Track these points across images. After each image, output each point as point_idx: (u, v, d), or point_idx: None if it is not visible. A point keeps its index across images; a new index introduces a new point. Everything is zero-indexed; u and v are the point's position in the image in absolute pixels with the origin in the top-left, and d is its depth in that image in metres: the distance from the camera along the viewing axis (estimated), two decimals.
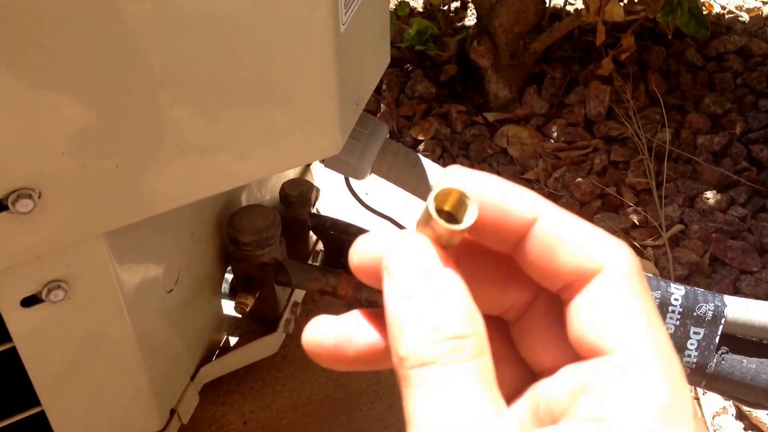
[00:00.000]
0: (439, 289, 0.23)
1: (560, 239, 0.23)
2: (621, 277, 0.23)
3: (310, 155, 0.50)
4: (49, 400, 0.51)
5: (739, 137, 1.56)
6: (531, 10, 1.59)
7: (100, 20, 0.37)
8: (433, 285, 0.23)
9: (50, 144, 0.39)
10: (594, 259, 0.23)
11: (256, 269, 0.64)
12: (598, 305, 0.22)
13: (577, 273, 0.23)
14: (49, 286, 0.45)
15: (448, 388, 0.21)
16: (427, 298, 0.23)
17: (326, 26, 0.43)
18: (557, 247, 0.23)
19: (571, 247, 0.23)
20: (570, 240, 0.23)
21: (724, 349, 0.62)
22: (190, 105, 0.42)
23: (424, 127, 1.64)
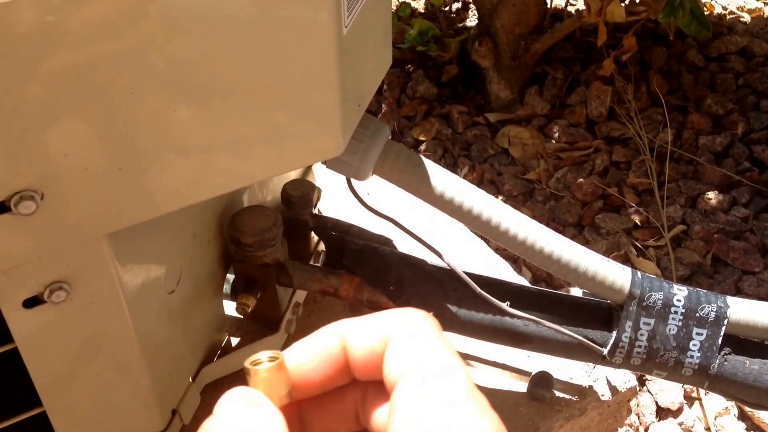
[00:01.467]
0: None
1: (361, 336, 0.29)
2: (402, 332, 0.28)
3: (312, 156, 0.50)
4: (50, 401, 0.51)
5: (740, 138, 1.56)
6: (532, 11, 1.59)
7: (101, 21, 0.37)
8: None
9: (53, 146, 0.39)
10: (386, 333, 0.28)
11: (257, 270, 0.64)
12: (389, 355, 0.28)
13: (381, 350, 0.28)
14: (51, 287, 0.45)
15: None
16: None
17: (329, 28, 0.43)
18: (362, 343, 0.29)
19: (369, 336, 0.29)
20: (367, 331, 0.29)
21: (727, 350, 0.62)
22: (192, 106, 0.42)
23: (426, 128, 1.65)
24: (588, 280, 0.62)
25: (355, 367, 0.29)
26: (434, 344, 0.28)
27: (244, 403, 0.27)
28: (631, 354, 0.63)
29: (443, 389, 0.26)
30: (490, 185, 1.53)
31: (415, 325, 0.29)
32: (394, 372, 0.28)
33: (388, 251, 0.67)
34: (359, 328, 0.29)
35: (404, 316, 0.29)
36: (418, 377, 0.27)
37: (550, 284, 1.30)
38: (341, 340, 0.29)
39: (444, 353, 0.28)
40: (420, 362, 0.27)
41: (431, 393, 0.26)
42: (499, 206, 0.62)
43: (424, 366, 0.27)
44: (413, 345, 0.28)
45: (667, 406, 1.13)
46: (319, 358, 0.29)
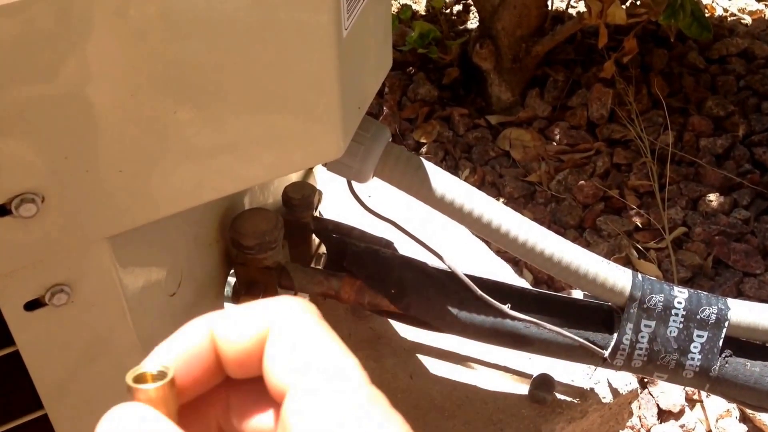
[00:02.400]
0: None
1: (231, 331, 0.26)
2: (282, 328, 0.25)
3: (312, 159, 0.50)
4: (52, 404, 0.51)
5: (742, 140, 1.56)
6: (533, 13, 1.59)
7: (102, 23, 0.37)
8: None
9: (53, 149, 0.39)
10: (261, 327, 0.25)
11: (258, 273, 0.64)
12: (270, 357, 0.25)
13: (257, 347, 0.25)
14: (53, 290, 0.45)
15: None
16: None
17: (328, 31, 0.43)
18: (233, 338, 0.26)
19: (241, 331, 0.26)
20: (237, 325, 0.26)
21: (728, 353, 0.62)
22: (193, 109, 0.42)
23: (427, 130, 1.65)
24: (589, 283, 0.62)
25: (227, 364, 0.26)
26: (321, 340, 0.25)
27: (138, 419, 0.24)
28: (632, 356, 0.63)
29: (341, 397, 0.24)
30: (491, 187, 1.53)
31: (296, 318, 0.26)
32: (281, 377, 0.25)
33: (389, 254, 0.67)
34: (230, 321, 0.26)
35: (281, 306, 0.26)
36: (312, 387, 0.24)
37: (552, 286, 1.30)
38: (209, 335, 0.26)
39: (333, 352, 0.25)
40: (309, 367, 0.24)
41: (331, 406, 0.24)
42: (499, 209, 0.62)
43: (316, 372, 0.24)
44: (298, 343, 0.25)
45: (669, 409, 1.13)
46: (186, 359, 0.26)
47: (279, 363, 0.25)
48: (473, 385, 0.73)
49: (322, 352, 0.25)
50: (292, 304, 0.26)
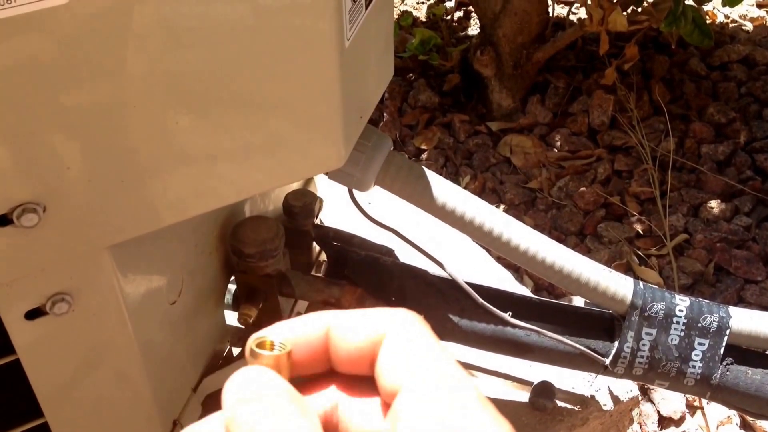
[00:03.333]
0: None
1: (347, 332, 0.28)
2: (398, 335, 0.28)
3: (314, 168, 0.50)
4: (51, 412, 0.51)
5: (743, 146, 1.56)
6: (534, 20, 1.60)
7: (103, 34, 0.37)
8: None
9: (55, 159, 0.39)
10: (375, 332, 0.28)
11: (259, 280, 0.64)
12: (386, 359, 0.27)
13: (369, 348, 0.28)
14: (53, 298, 0.45)
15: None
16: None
17: (331, 41, 0.43)
18: (348, 338, 0.28)
19: (356, 333, 0.28)
20: (354, 327, 0.28)
21: (729, 360, 0.62)
22: (194, 118, 0.42)
23: (427, 137, 1.65)
24: (590, 291, 0.62)
25: (338, 359, 0.29)
26: (436, 352, 0.27)
27: (285, 398, 0.26)
28: (633, 364, 0.63)
29: (455, 400, 0.26)
30: (492, 194, 1.53)
31: (412, 328, 0.28)
32: (393, 378, 0.27)
33: (390, 262, 0.67)
34: (348, 321, 0.29)
35: (399, 317, 0.28)
36: (426, 387, 0.26)
37: (552, 294, 1.30)
38: (326, 329, 0.29)
39: (448, 362, 0.27)
40: (424, 371, 0.26)
41: (443, 405, 0.25)
42: (500, 217, 0.62)
43: (430, 375, 0.26)
44: (413, 350, 0.27)
45: (670, 416, 1.13)
46: (300, 342, 0.29)
47: (393, 364, 0.27)
48: None
49: (434, 358, 0.27)
50: (408, 315, 0.29)
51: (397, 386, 0.26)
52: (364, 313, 0.29)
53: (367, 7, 0.49)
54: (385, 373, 0.27)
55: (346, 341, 0.28)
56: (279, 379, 0.27)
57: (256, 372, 0.27)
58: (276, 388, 0.27)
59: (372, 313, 0.29)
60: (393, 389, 0.27)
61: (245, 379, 0.27)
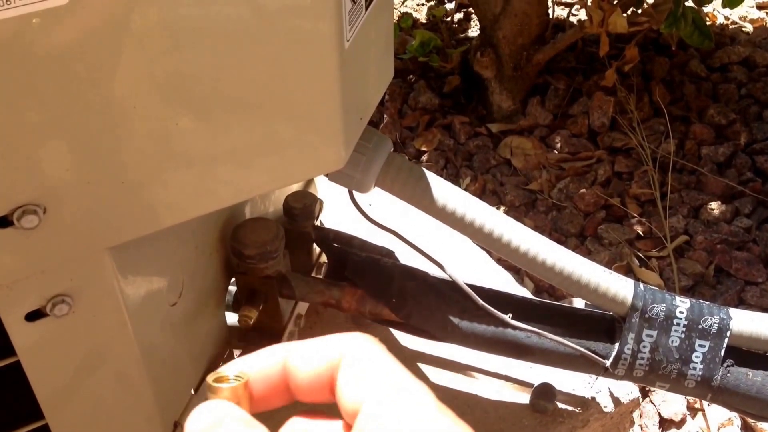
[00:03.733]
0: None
1: (304, 359, 0.29)
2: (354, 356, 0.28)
3: (314, 169, 0.50)
4: (52, 414, 0.51)
5: (743, 148, 1.56)
6: (534, 21, 1.60)
7: (103, 35, 0.37)
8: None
9: (54, 160, 0.39)
10: (332, 356, 0.29)
11: (259, 282, 0.64)
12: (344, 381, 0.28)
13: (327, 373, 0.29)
14: (54, 300, 0.45)
15: None
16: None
17: (330, 42, 0.43)
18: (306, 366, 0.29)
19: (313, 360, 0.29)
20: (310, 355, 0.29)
21: (730, 362, 0.62)
22: (194, 120, 0.42)
23: (428, 138, 1.65)
24: (590, 292, 0.62)
25: (298, 390, 0.29)
26: (390, 367, 0.28)
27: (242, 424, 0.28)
28: (634, 366, 0.62)
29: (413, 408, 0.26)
30: (492, 196, 1.53)
31: (368, 349, 0.29)
32: (353, 398, 0.27)
33: (390, 263, 0.67)
34: (304, 351, 0.30)
35: (352, 341, 0.29)
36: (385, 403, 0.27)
37: (553, 295, 1.30)
38: (282, 362, 0.30)
39: (402, 375, 0.28)
40: (382, 387, 0.27)
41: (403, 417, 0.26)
42: (501, 218, 0.62)
43: (388, 391, 0.27)
44: (370, 370, 0.28)
45: (671, 417, 1.13)
46: (258, 377, 0.30)
47: (352, 385, 0.28)
48: (474, 394, 0.72)
49: (392, 374, 0.28)
50: (362, 337, 0.29)
51: (358, 405, 0.27)
52: (319, 340, 0.30)
53: (367, 8, 0.49)
54: (345, 395, 0.28)
55: (304, 369, 0.29)
56: (236, 408, 0.28)
57: (214, 404, 0.29)
58: (233, 416, 0.28)
59: (327, 339, 0.30)
60: (354, 409, 0.27)
61: (204, 411, 0.28)
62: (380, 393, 0.27)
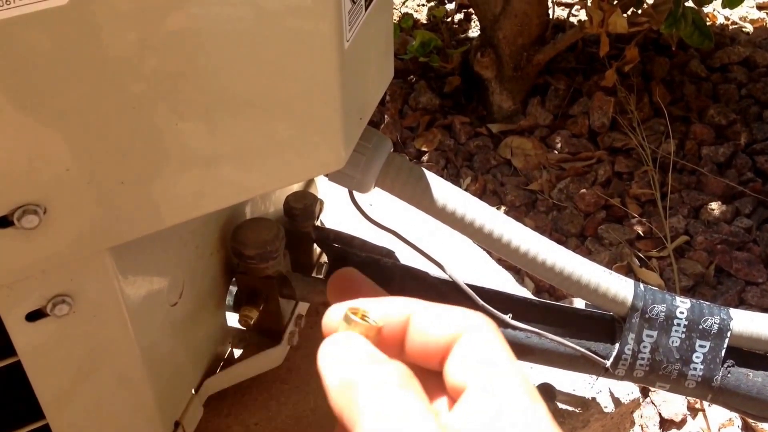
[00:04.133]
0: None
1: (429, 324, 0.30)
2: (474, 336, 0.29)
3: (314, 170, 0.50)
4: (53, 414, 0.51)
5: (743, 148, 1.56)
6: (534, 22, 1.60)
7: (103, 35, 0.37)
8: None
9: (55, 161, 0.39)
10: (454, 329, 0.29)
11: (260, 282, 0.64)
12: (458, 357, 0.29)
13: (445, 344, 0.29)
14: (54, 300, 0.45)
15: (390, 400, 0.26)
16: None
17: (330, 42, 0.43)
18: (428, 331, 0.30)
19: (436, 327, 0.30)
20: (435, 321, 0.30)
21: (730, 363, 0.62)
22: (194, 120, 0.42)
23: (428, 139, 1.65)
24: (590, 293, 0.62)
25: (412, 348, 0.30)
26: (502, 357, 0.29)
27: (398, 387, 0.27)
28: (634, 366, 0.62)
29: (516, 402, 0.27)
30: (492, 196, 1.53)
31: (487, 333, 0.30)
32: (459, 377, 0.28)
33: (391, 263, 0.67)
34: (428, 316, 0.30)
35: (476, 320, 0.30)
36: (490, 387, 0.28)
37: (553, 295, 1.30)
38: (407, 318, 0.30)
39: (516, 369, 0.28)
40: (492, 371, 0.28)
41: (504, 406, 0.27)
42: (501, 219, 0.62)
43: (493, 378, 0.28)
44: (483, 354, 0.29)
45: (671, 418, 1.13)
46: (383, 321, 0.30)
47: (464, 363, 0.29)
48: None
49: (504, 364, 0.28)
50: (485, 320, 0.30)
51: (463, 386, 0.28)
52: (445, 309, 0.30)
53: (366, 8, 0.49)
54: (456, 370, 0.29)
55: (426, 333, 0.30)
56: (373, 348, 0.29)
57: (361, 341, 0.29)
58: (371, 355, 0.28)
59: (452, 311, 0.30)
60: (461, 386, 0.28)
61: (343, 343, 0.29)
62: (487, 381, 0.28)
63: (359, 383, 0.27)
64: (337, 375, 0.28)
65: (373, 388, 0.27)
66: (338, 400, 0.27)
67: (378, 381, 0.27)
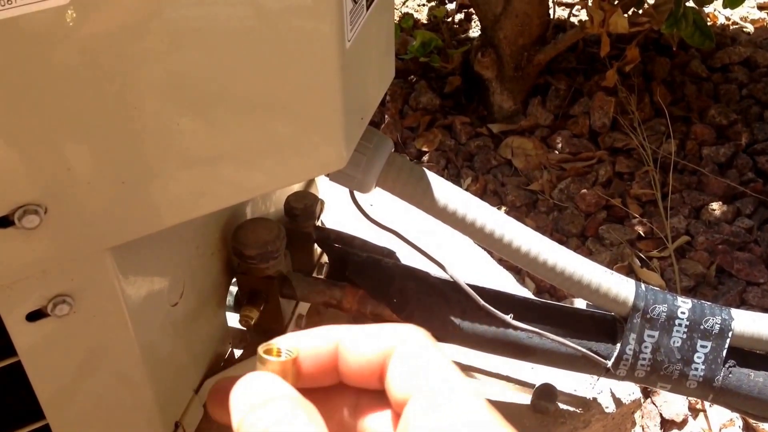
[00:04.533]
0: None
1: (358, 344, 0.30)
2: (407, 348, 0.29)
3: (315, 170, 0.50)
4: (53, 414, 0.51)
5: (744, 148, 1.56)
6: (535, 22, 1.60)
7: (105, 36, 0.37)
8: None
9: (56, 161, 0.39)
10: (385, 345, 0.29)
11: (260, 282, 0.64)
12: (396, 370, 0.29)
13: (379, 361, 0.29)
14: (55, 300, 0.45)
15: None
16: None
17: (331, 42, 0.43)
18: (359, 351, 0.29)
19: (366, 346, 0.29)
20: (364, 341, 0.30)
21: (732, 363, 0.62)
22: (196, 120, 0.42)
23: (429, 139, 1.65)
24: (592, 293, 0.62)
25: (347, 372, 0.30)
26: (443, 363, 0.29)
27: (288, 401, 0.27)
28: (635, 366, 0.62)
29: (464, 408, 0.27)
30: (493, 196, 1.53)
31: (420, 342, 0.29)
32: (403, 388, 0.28)
33: (392, 263, 0.67)
34: (358, 336, 0.30)
35: (406, 332, 0.30)
36: (435, 396, 0.27)
37: (554, 295, 1.30)
38: (335, 343, 0.30)
39: (455, 373, 0.28)
40: (433, 380, 0.28)
41: (452, 412, 0.27)
42: (502, 219, 0.62)
43: (439, 385, 0.28)
44: (422, 362, 0.29)
45: (672, 418, 1.12)
46: (308, 356, 0.30)
47: (403, 375, 0.28)
48: None
49: (443, 369, 0.28)
50: (415, 330, 0.30)
51: (407, 395, 0.28)
52: (374, 327, 0.30)
53: (368, 8, 0.49)
54: (395, 384, 0.28)
55: (357, 354, 0.30)
56: (284, 383, 0.28)
57: (262, 376, 0.29)
58: (281, 392, 0.28)
59: (382, 327, 0.30)
60: (403, 398, 0.28)
61: (253, 382, 0.28)
62: (430, 386, 0.28)
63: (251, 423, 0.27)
64: (237, 416, 0.28)
65: (261, 427, 0.27)
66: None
67: (268, 419, 0.27)
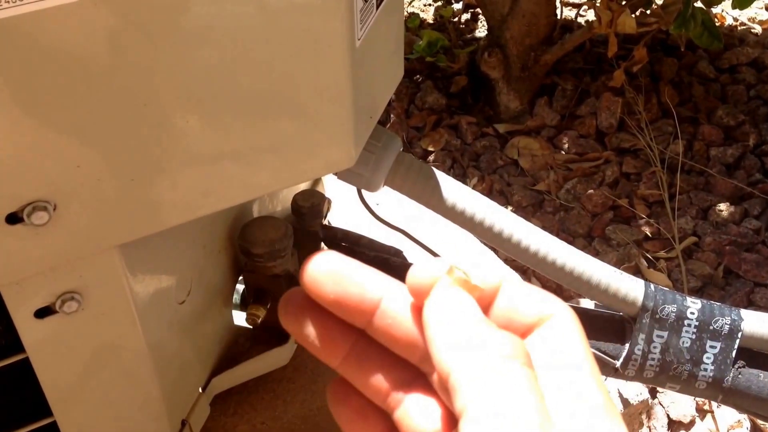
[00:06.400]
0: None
1: (522, 296, 0.29)
2: (564, 321, 0.28)
3: (324, 168, 0.50)
4: (60, 411, 0.51)
5: (752, 149, 1.55)
6: (542, 22, 1.59)
7: (115, 33, 0.37)
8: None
9: (65, 157, 0.39)
10: (545, 309, 0.29)
11: (267, 281, 0.64)
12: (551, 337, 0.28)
13: (533, 321, 0.28)
14: (63, 297, 0.45)
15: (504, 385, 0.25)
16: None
17: (342, 41, 0.43)
18: (517, 305, 0.29)
19: (529, 302, 0.29)
20: (528, 296, 0.29)
21: (741, 363, 0.62)
22: (205, 117, 0.42)
23: (435, 139, 1.64)
24: (600, 293, 0.62)
25: (495, 316, 0.29)
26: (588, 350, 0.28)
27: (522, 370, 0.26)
28: (644, 367, 0.62)
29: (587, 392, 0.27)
30: (499, 196, 1.52)
31: (575, 322, 0.29)
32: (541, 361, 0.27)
33: (399, 262, 0.66)
34: (521, 289, 0.29)
35: (563, 308, 0.29)
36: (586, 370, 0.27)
37: (560, 295, 1.29)
38: (498, 283, 0.29)
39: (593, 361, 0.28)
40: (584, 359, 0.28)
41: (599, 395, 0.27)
42: (510, 218, 0.62)
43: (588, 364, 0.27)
44: (563, 346, 0.28)
45: (679, 419, 1.12)
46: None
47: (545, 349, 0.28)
48: None
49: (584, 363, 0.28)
50: (571, 312, 0.29)
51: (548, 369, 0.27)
52: (532, 288, 0.29)
53: (378, 7, 0.49)
54: (538, 356, 0.28)
55: (515, 308, 0.29)
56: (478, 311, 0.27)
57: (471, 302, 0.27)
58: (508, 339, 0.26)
59: (541, 292, 0.29)
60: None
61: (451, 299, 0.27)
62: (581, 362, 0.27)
63: (475, 349, 0.25)
64: (450, 333, 0.26)
65: (488, 357, 0.25)
66: (447, 362, 0.26)
67: (493, 351, 0.25)
